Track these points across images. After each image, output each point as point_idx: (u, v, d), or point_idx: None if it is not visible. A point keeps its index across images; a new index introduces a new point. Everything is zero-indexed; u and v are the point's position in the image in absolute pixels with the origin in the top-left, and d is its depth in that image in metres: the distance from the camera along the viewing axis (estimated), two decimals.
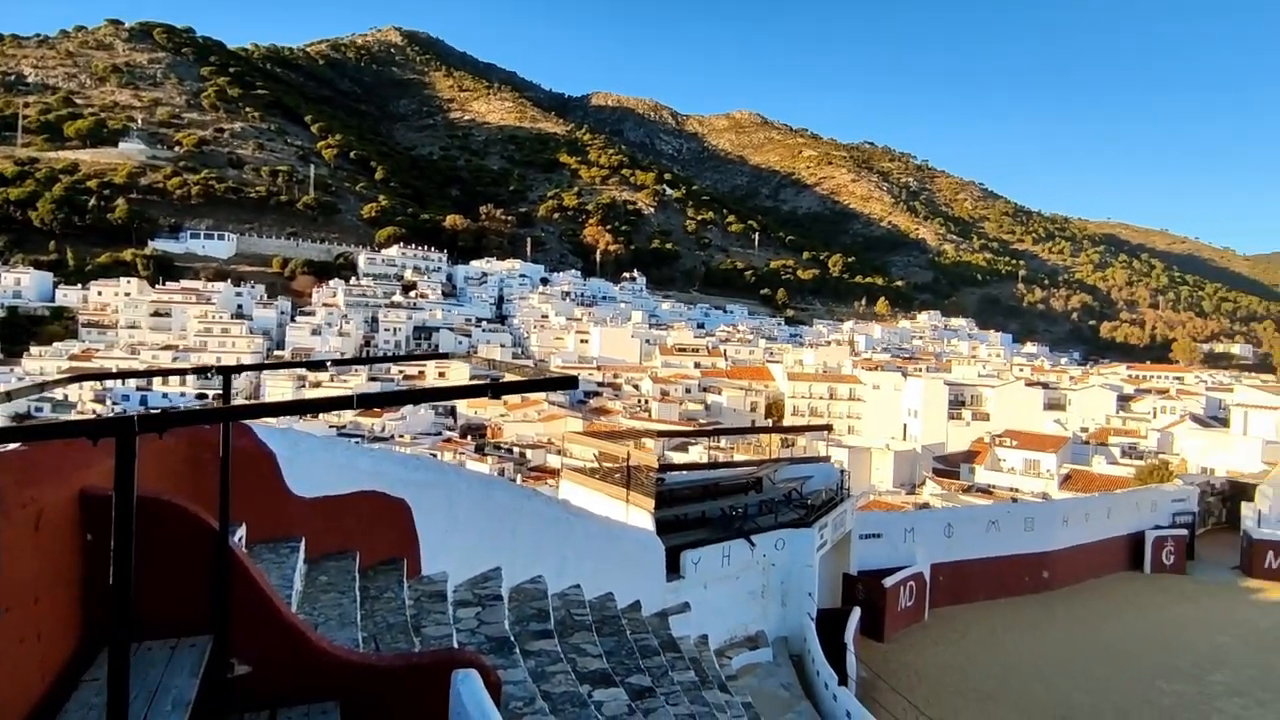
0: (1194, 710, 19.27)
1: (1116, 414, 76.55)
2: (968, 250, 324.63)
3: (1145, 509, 33.93)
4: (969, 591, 26.65)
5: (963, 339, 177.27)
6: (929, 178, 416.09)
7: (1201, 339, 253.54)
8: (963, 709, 18.53)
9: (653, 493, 17.54)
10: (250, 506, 6.10)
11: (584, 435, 33.20)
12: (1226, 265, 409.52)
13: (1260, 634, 25.38)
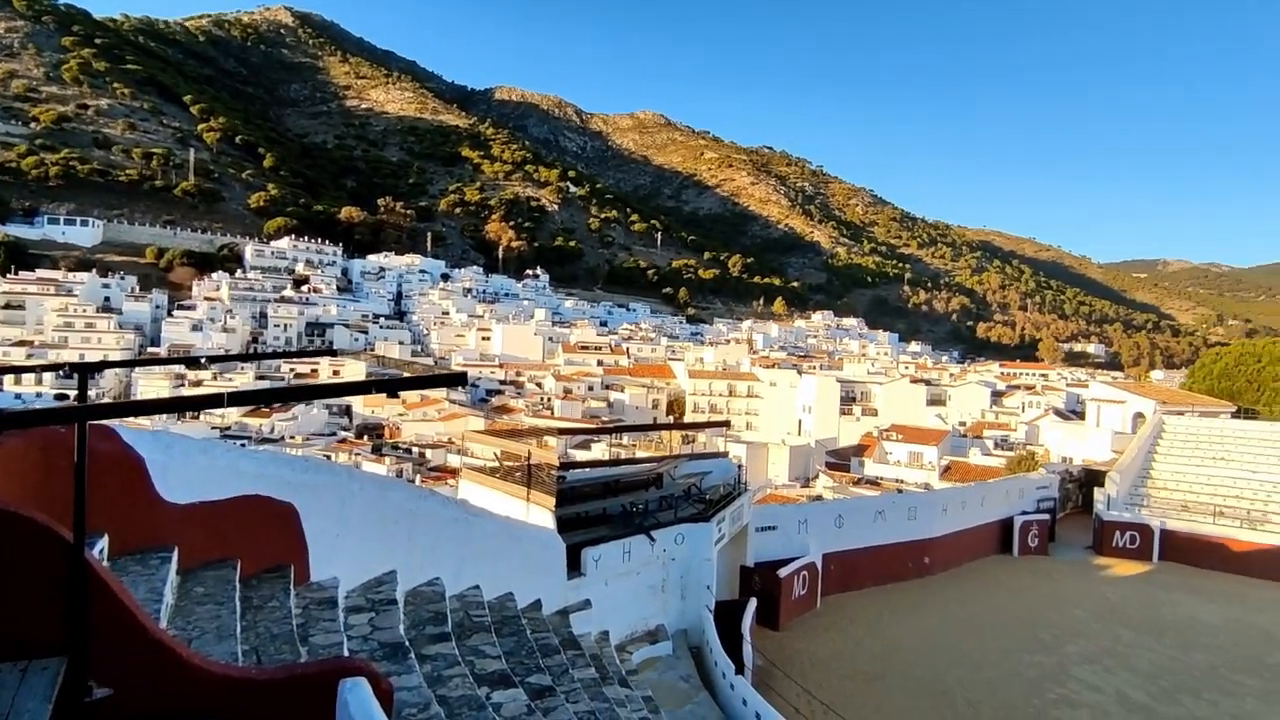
0: (1053, 678, 20.96)
1: (990, 409, 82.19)
2: (859, 253, 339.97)
3: (1014, 496, 36.64)
4: (858, 579, 27.96)
5: (854, 338, 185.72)
6: (824, 183, 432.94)
7: (1063, 339, 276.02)
8: (851, 690, 19.43)
9: (554, 491, 17.47)
10: (115, 515, 5.67)
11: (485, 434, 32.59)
12: (1084, 272, 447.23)
13: (1109, 606, 27.93)
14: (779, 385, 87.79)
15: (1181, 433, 42.61)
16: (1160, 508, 37.05)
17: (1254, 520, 34.95)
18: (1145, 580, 32.07)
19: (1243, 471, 38.28)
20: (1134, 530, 35.32)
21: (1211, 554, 34.08)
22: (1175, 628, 25.93)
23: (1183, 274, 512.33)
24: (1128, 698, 20.04)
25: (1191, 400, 53.72)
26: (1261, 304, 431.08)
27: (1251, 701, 20.22)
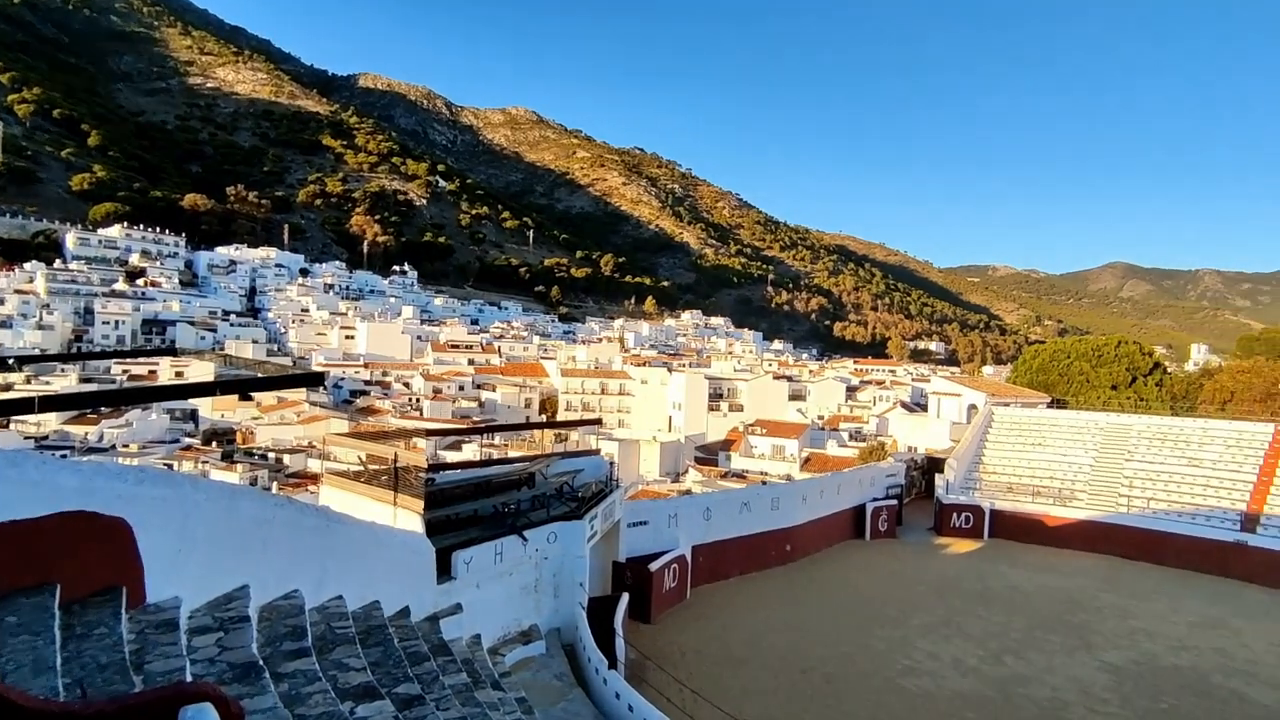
0: (900, 650, 22.74)
1: (845, 403, 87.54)
2: (725, 255, 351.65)
3: (866, 485, 39.30)
4: (725, 568, 29.04)
5: (721, 337, 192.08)
6: (693, 186, 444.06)
7: (909, 337, 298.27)
8: (720, 676, 20.18)
9: (422, 493, 16.97)
10: None
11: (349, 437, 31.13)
12: (927, 276, 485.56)
13: (946, 581, 30.63)
14: (650, 383, 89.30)
15: (1007, 422, 47.27)
16: (990, 490, 40.99)
17: (1064, 498, 39.46)
18: (977, 556, 35.41)
19: (1056, 455, 43.07)
20: (969, 511, 38.90)
21: (1031, 529, 38.14)
22: (1000, 597, 28.83)
23: (1008, 279, 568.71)
24: (962, 662, 22.06)
25: (1015, 393, 59.70)
26: (1070, 306, 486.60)
27: (1059, 656, 22.87)
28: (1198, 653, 23.97)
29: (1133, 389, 65.29)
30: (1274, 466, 36.87)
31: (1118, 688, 20.87)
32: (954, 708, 19.05)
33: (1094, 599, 29.18)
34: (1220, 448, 39.55)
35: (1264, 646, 24.84)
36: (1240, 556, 33.27)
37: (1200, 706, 19.96)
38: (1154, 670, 22.33)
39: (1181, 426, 42.70)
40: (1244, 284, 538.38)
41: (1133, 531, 36.25)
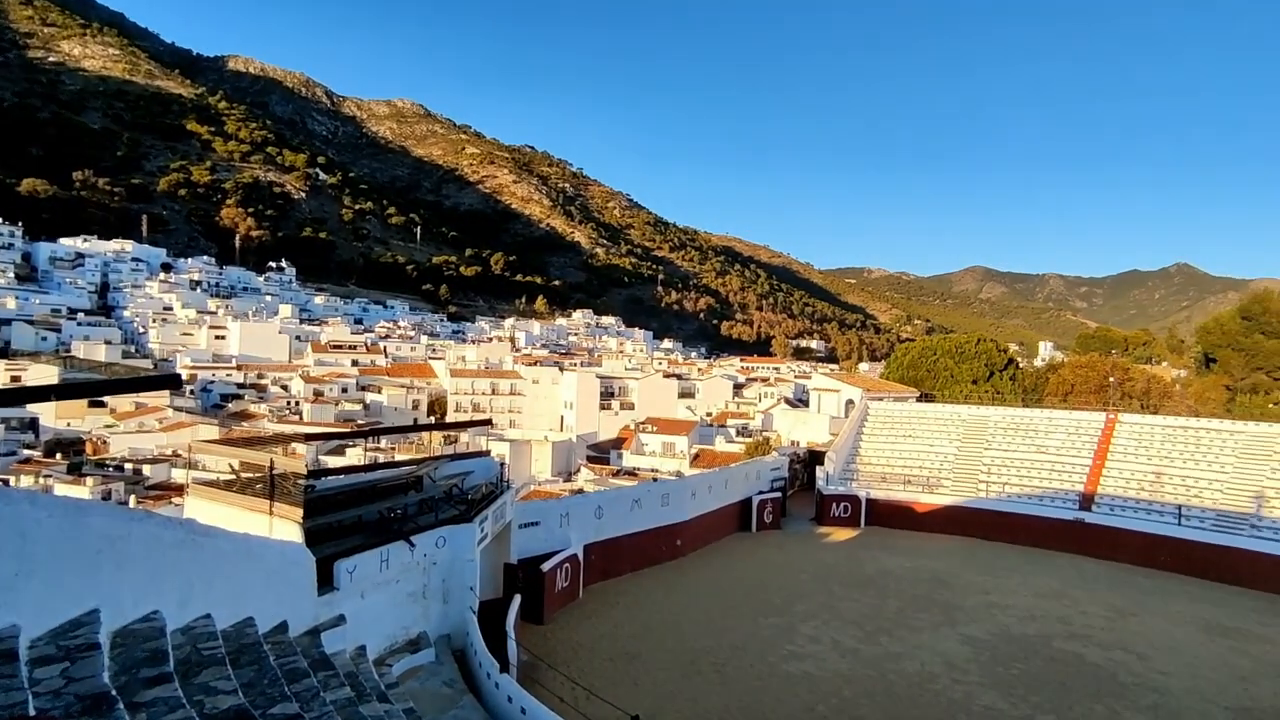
0: (784, 636, 23.76)
1: (733, 399, 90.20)
2: (616, 254, 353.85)
3: (753, 479, 40.71)
4: (618, 566, 29.34)
5: (612, 336, 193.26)
6: (584, 185, 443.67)
7: (792, 336, 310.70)
8: (612, 672, 20.41)
9: (301, 501, 16.21)
10: None
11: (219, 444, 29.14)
12: (808, 277, 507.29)
13: (826, 568, 32.25)
14: (542, 383, 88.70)
15: (881, 415, 50.19)
16: (866, 480, 43.42)
17: (931, 485, 42.38)
18: (855, 543, 37.46)
19: (924, 446, 46.17)
20: (847, 501, 41.06)
21: (902, 516, 40.73)
22: (875, 580, 30.65)
23: (882, 281, 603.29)
24: (840, 644, 23.32)
25: (888, 388, 63.43)
26: (936, 307, 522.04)
27: (927, 633, 24.60)
28: (1043, 621, 26.40)
29: (990, 383, 70.84)
30: (1106, 451, 41.12)
31: (976, 658, 22.67)
32: (834, 687, 20.09)
33: (957, 578, 31.53)
34: (1063, 435, 43.65)
35: (1097, 612, 27.68)
36: (1079, 533, 36.90)
37: (1045, 669, 22.00)
38: (1007, 639, 24.40)
39: (1031, 417, 46.83)
40: (1082, 287, 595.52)
41: (990, 514, 39.43)
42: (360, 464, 30.44)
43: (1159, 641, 24.86)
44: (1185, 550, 33.76)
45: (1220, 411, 60.24)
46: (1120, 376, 71.59)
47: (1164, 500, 36.83)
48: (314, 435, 39.88)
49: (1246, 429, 39.96)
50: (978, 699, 19.76)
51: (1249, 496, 35.36)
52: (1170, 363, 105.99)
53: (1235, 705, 20.15)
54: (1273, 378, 71.37)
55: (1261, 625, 27.07)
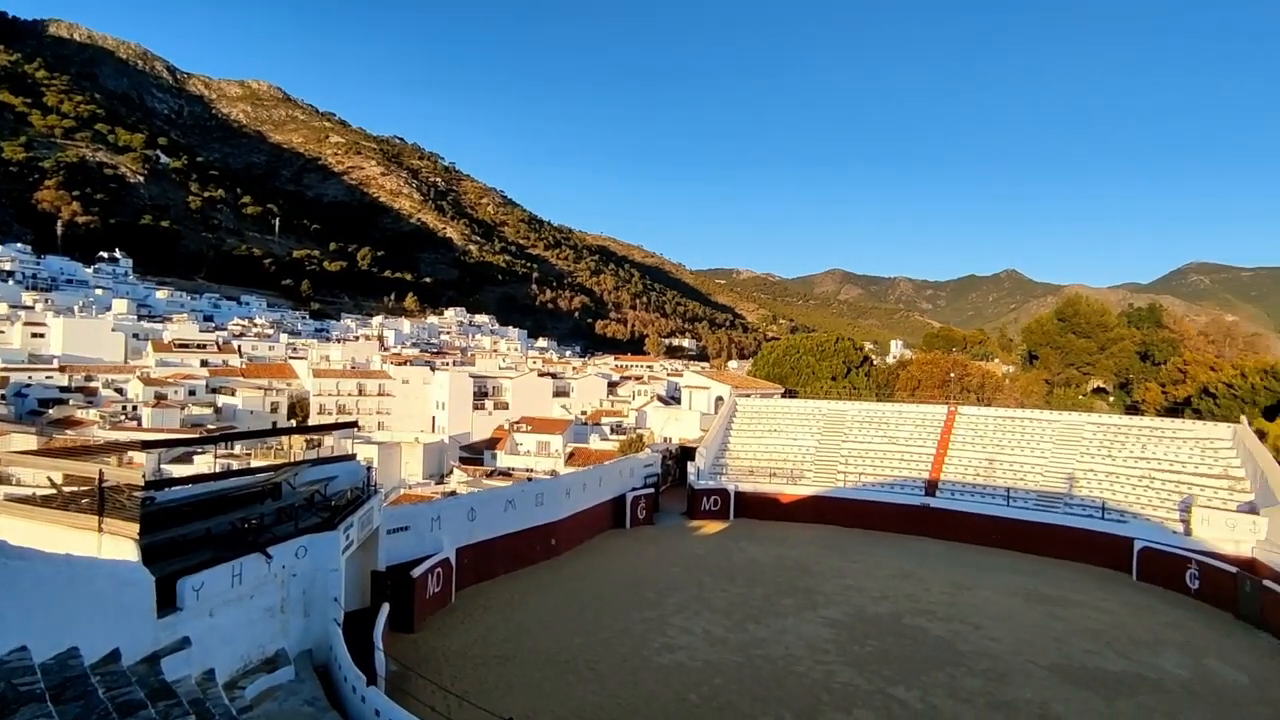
0: (657, 629, 24.30)
1: (607, 397, 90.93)
2: (490, 251, 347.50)
3: (626, 476, 41.28)
4: (491, 568, 28.93)
5: (485, 334, 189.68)
6: (456, 180, 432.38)
7: (664, 335, 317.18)
8: (484, 677, 20.13)
9: (137, 515, 14.86)
10: None
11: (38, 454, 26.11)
12: (680, 277, 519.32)
13: (697, 560, 33.28)
14: (412, 383, 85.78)
15: (749, 411, 52.27)
16: (735, 474, 45.11)
17: (795, 477, 44.65)
18: (724, 535, 38.85)
19: (788, 439, 48.54)
20: (716, 495, 42.51)
21: (768, 507, 42.65)
22: (743, 570, 31.95)
23: (750, 281, 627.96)
24: (711, 634, 24.14)
25: (755, 385, 66.15)
26: (800, 307, 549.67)
27: (790, 618, 25.94)
28: (894, 600, 28.50)
29: (848, 379, 75.49)
30: (947, 441, 44.92)
31: (835, 638, 24.14)
32: (704, 676, 20.78)
33: (818, 564, 33.42)
34: (911, 427, 47.24)
35: (940, 588, 30.22)
36: (925, 517, 40.10)
37: (896, 644, 23.77)
38: (862, 619, 26.14)
39: (883, 410, 50.35)
40: (928, 290, 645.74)
41: (848, 503, 42.05)
42: (211, 472, 28.32)
43: (990, 612, 27.48)
44: (1012, 529, 37.49)
45: (1041, 403, 67.34)
46: (960, 372, 78.37)
47: (995, 484, 40.72)
48: (155, 443, 36.52)
49: (1061, 418, 44.92)
50: (837, 677, 21.06)
51: (1063, 478, 39.77)
52: (1001, 359, 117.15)
53: (1051, 663, 22.62)
54: (1082, 372, 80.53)
55: (1073, 592, 30.50)
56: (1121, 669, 22.44)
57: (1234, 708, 20.07)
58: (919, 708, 19.18)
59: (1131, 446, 40.14)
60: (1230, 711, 19.83)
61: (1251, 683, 21.89)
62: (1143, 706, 19.88)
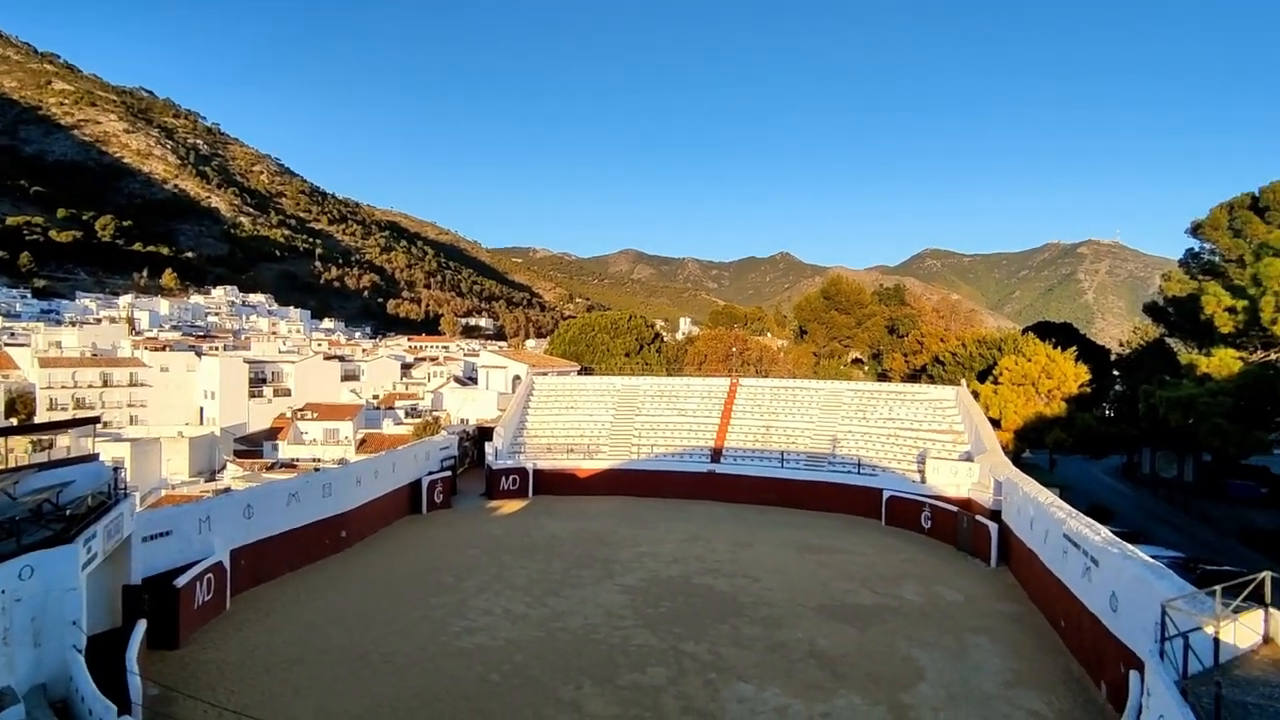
0: (456, 613, 24.05)
1: (401, 380, 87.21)
2: (265, 225, 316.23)
3: (422, 459, 40.06)
4: (273, 568, 26.87)
5: (262, 315, 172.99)
6: (222, 144, 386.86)
7: (461, 314, 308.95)
8: (269, 684, 18.78)
9: None
10: None
11: None
12: (476, 255, 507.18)
13: (497, 540, 33.32)
14: (173, 370, 76.37)
15: (546, 389, 52.74)
16: (533, 452, 45.46)
17: (591, 452, 45.94)
18: (523, 513, 39.12)
19: (584, 416, 49.73)
20: (515, 474, 42.62)
21: (567, 483, 43.57)
22: (542, 546, 32.48)
23: (547, 260, 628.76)
24: (511, 611, 24.35)
25: (552, 363, 66.83)
26: (595, 286, 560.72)
27: (589, 588, 26.90)
28: (684, 562, 30.50)
29: (640, 355, 78.59)
30: (730, 411, 48.55)
31: (632, 603, 25.39)
32: (506, 655, 20.95)
33: (614, 534, 34.80)
34: (698, 399, 50.39)
35: (724, 548, 32.82)
36: (711, 482, 43.19)
37: (686, 603, 25.53)
38: (656, 583, 27.72)
39: (673, 384, 53.18)
40: (714, 270, 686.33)
41: (642, 474, 44.11)
42: None
43: (768, 565, 30.36)
44: (786, 488, 41.55)
45: (810, 373, 74.73)
46: (741, 347, 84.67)
47: (771, 448, 44.76)
48: None
49: (825, 386, 50.28)
50: (633, 639, 22.21)
51: (828, 440, 44.66)
52: (775, 334, 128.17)
53: (818, 604, 25.56)
54: (843, 344, 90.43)
55: (836, 540, 34.56)
56: (873, 602, 25.91)
57: (952, 621, 24.06)
58: (707, 658, 20.83)
59: (881, 409, 45.98)
60: (949, 624, 23.76)
61: (965, 600, 26.32)
62: (888, 631, 23.16)
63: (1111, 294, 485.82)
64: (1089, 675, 19.64)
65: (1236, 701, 10.75)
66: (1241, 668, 12.41)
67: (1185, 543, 37.02)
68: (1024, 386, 46.48)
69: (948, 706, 18.09)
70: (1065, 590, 21.92)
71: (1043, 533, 25.02)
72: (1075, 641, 21.03)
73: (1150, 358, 56.07)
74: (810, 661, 20.73)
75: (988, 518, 31.82)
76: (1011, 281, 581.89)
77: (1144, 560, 18.05)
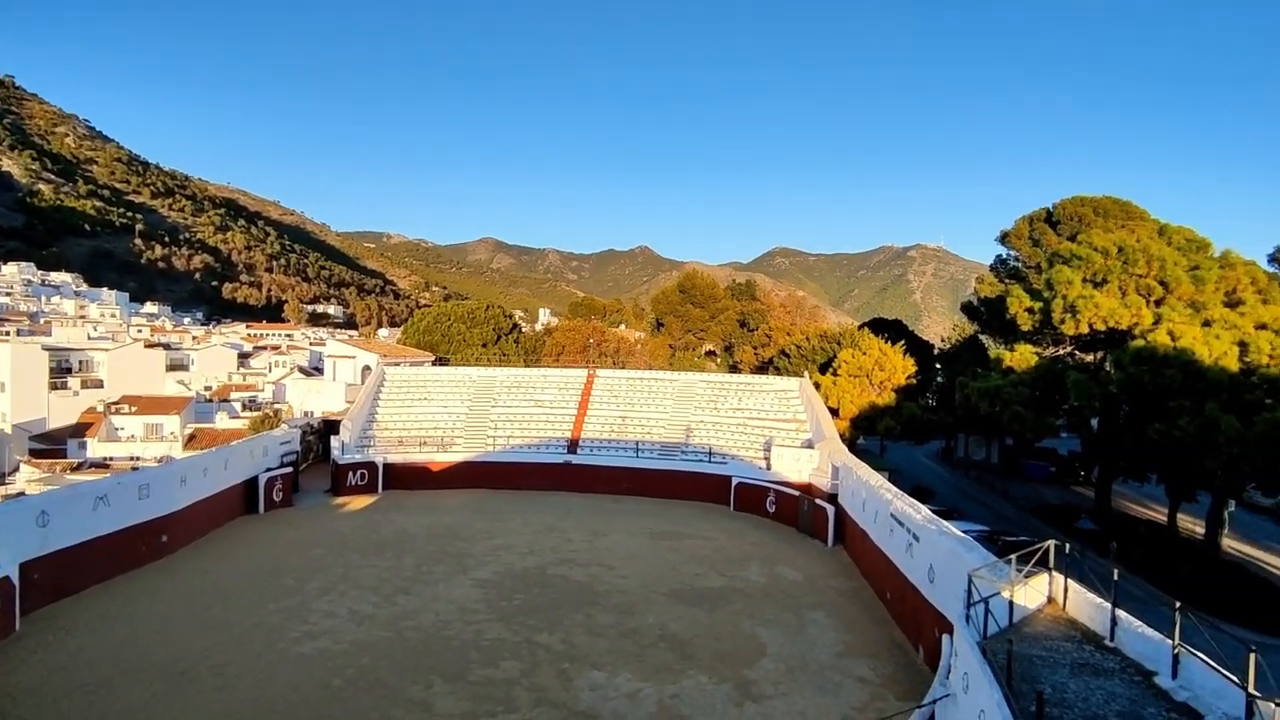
0: (297, 617, 22.65)
1: (238, 370, 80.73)
2: (72, 195, 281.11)
3: (259, 455, 37.31)
4: (77, 581, 24.07)
5: (68, 297, 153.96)
6: (16, 100, 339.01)
7: (306, 301, 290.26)
8: (68, 710, 16.83)
9: None
10: None
11: None
12: (324, 238, 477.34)
13: (342, 539, 31.70)
14: None
15: (398, 380, 50.71)
16: (384, 445, 43.60)
17: (445, 444, 44.72)
18: (372, 509, 37.47)
19: (438, 407, 48.32)
20: (363, 469, 40.69)
21: (419, 476, 42.18)
22: (392, 543, 31.29)
23: (401, 247, 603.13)
24: (358, 612, 23.28)
25: (405, 353, 64.33)
26: (453, 274, 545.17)
27: (441, 584, 26.23)
28: (540, 554, 30.45)
29: (498, 346, 77.38)
30: (587, 402, 48.89)
31: (485, 597, 25.03)
32: (351, 658, 20.02)
33: (469, 528, 34.13)
34: (555, 390, 50.32)
35: (580, 537, 33.08)
36: (567, 473, 43.32)
37: (541, 594, 25.50)
38: (511, 576, 27.48)
39: (531, 375, 52.79)
40: (574, 262, 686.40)
41: (498, 466, 43.47)
42: None
43: (622, 553, 30.92)
44: (640, 477, 42.45)
45: (665, 364, 76.70)
46: (599, 338, 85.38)
47: (627, 438, 45.54)
48: None
49: (680, 378, 51.79)
50: (486, 634, 21.90)
51: (681, 430, 46.05)
52: (633, 326, 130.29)
53: (669, 590, 26.37)
54: (698, 337, 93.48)
55: (687, 527, 35.76)
56: (720, 585, 27.08)
57: (792, 599, 25.64)
58: (561, 648, 20.94)
59: (731, 400, 47.98)
60: (789, 602, 25.30)
61: (804, 579, 28.12)
62: (734, 612, 24.30)
63: (936, 294, 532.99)
64: (910, 641, 21.62)
65: (1024, 655, 12.21)
66: (1030, 625, 14.11)
67: (991, 517, 41.55)
68: (860, 378, 50.09)
69: (786, 679, 19.29)
70: (892, 565, 23.96)
71: (873, 513, 27.19)
72: (899, 611, 23.06)
73: (966, 352, 62.21)
74: (661, 645, 21.38)
75: (826, 501, 34.11)
76: (851, 280, 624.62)
77: (956, 535, 20.08)
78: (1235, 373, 30.76)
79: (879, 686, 19.08)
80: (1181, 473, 33.37)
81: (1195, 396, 30.28)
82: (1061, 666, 11.98)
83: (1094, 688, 11.15)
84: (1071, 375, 36.12)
